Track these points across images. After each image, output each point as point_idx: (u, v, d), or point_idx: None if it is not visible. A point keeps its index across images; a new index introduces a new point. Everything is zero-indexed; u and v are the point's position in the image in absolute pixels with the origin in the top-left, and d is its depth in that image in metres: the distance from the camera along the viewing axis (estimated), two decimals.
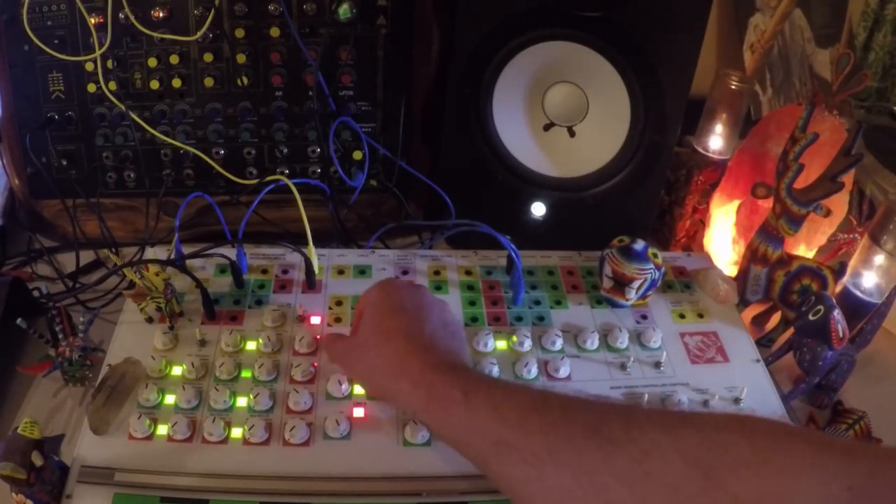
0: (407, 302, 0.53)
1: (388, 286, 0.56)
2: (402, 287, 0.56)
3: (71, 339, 0.60)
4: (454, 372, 0.47)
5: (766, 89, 1.04)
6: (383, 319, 0.52)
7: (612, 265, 0.65)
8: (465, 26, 0.71)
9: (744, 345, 0.65)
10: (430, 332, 0.51)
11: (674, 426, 0.39)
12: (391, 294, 0.54)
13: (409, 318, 0.52)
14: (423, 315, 0.53)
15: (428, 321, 0.52)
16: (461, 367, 0.49)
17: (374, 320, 0.52)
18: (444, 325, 0.54)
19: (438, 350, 0.50)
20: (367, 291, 0.56)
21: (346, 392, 0.56)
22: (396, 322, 0.51)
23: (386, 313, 0.52)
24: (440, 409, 0.46)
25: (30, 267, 0.76)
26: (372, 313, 0.53)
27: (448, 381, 0.46)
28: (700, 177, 0.81)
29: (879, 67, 1.09)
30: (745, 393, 0.59)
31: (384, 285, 0.56)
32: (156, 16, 0.71)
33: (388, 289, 0.55)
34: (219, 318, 0.62)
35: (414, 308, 0.53)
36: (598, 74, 0.73)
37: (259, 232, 0.76)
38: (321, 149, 0.77)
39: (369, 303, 0.54)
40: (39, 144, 0.75)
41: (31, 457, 0.46)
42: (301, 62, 0.74)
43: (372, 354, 0.51)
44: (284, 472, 0.51)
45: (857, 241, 0.78)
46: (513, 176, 0.77)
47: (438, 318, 0.54)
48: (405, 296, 0.54)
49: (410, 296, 0.54)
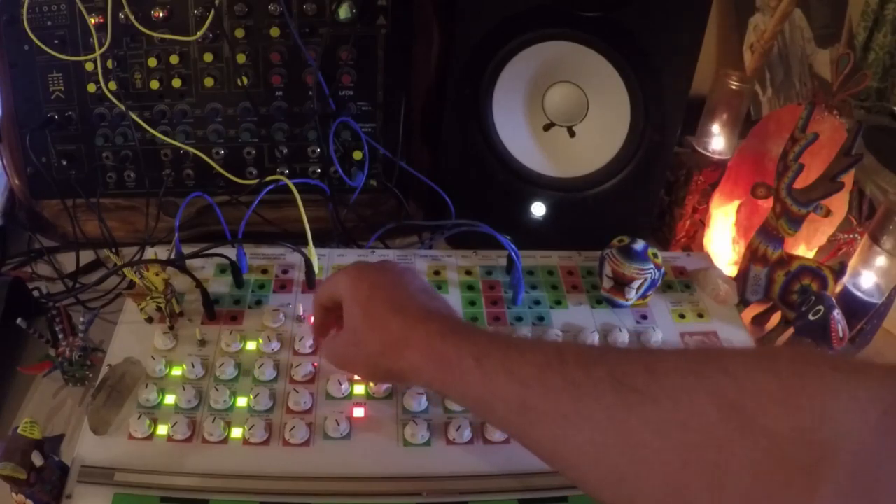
0: (381, 279, 0.51)
1: (356, 271, 0.53)
2: (371, 267, 0.54)
3: (71, 339, 0.60)
4: (459, 335, 0.46)
5: (766, 89, 1.04)
6: (367, 304, 0.50)
7: (612, 265, 0.65)
8: (465, 26, 0.71)
9: (744, 345, 0.65)
10: (418, 301, 0.50)
11: (699, 370, 0.38)
12: (363, 276, 0.52)
13: (392, 294, 0.50)
14: (404, 286, 0.51)
15: (410, 290, 0.51)
16: (462, 327, 0.47)
17: (357, 307, 0.50)
18: (425, 290, 0.52)
19: (433, 316, 0.48)
20: (335, 282, 0.53)
21: (346, 392, 0.56)
22: (381, 302, 0.50)
23: (367, 297, 0.50)
24: (456, 380, 0.45)
25: (30, 267, 0.76)
26: (352, 302, 0.51)
27: (457, 349, 0.45)
28: (700, 177, 0.81)
29: (879, 67, 1.10)
30: None
31: (351, 272, 0.53)
32: (156, 16, 0.71)
33: (359, 273, 0.53)
34: (219, 318, 0.62)
35: (391, 283, 0.51)
36: (598, 74, 0.73)
37: (259, 232, 0.76)
38: (321, 149, 0.77)
39: (345, 292, 0.52)
40: (39, 144, 0.75)
41: (31, 457, 0.46)
42: (301, 62, 0.74)
43: (369, 341, 0.49)
44: (284, 472, 0.51)
45: (857, 241, 0.78)
46: (513, 176, 0.77)
47: (418, 285, 0.52)
48: (377, 274, 0.52)
49: (382, 271, 0.53)
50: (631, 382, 0.38)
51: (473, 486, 0.51)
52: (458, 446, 0.53)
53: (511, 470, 0.52)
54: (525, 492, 0.51)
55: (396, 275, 0.52)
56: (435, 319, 0.48)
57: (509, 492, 0.51)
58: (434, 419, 0.55)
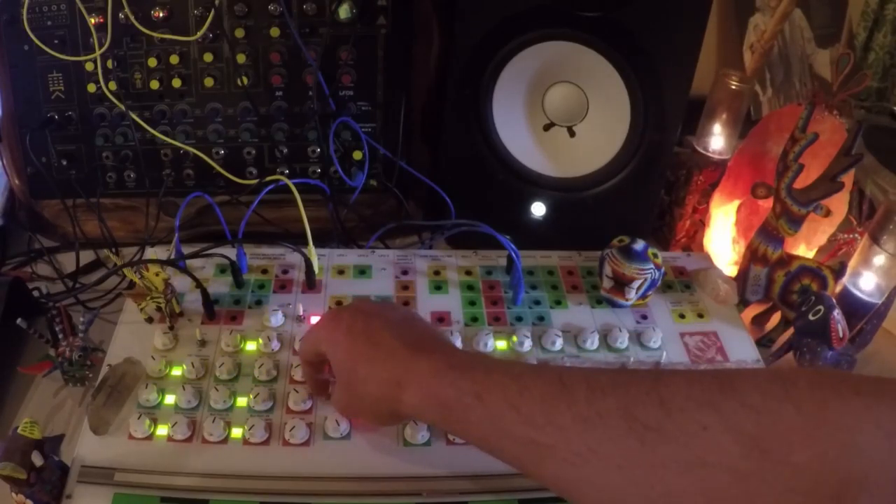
0: (358, 322, 0.49)
1: (330, 321, 0.50)
2: (344, 313, 0.51)
3: (71, 339, 0.60)
4: (455, 371, 0.44)
5: (766, 89, 1.04)
6: (351, 354, 0.48)
7: (612, 265, 0.65)
8: (465, 26, 0.71)
9: (744, 345, 0.65)
10: (402, 337, 0.47)
11: (715, 402, 0.36)
12: (338, 326, 0.49)
13: (373, 337, 0.47)
14: (382, 323, 0.48)
15: (390, 328, 0.48)
16: (456, 360, 0.45)
17: (342, 360, 0.48)
18: (405, 319, 0.50)
19: (422, 351, 0.46)
20: (313, 339, 0.51)
21: None
22: (364, 348, 0.47)
23: (348, 347, 0.48)
24: (459, 419, 0.43)
25: (30, 267, 0.76)
26: (336, 355, 0.49)
27: (455, 388, 0.43)
28: (700, 177, 0.81)
29: (879, 67, 1.10)
30: None
31: (325, 323, 0.51)
32: (156, 16, 0.71)
33: (333, 322, 0.50)
34: (219, 318, 0.62)
35: (368, 325, 0.48)
36: (598, 74, 0.73)
37: (259, 232, 0.76)
38: (321, 149, 0.77)
39: (327, 347, 0.49)
40: (39, 144, 0.75)
41: (31, 457, 0.46)
42: (301, 62, 0.74)
43: (363, 392, 0.47)
44: (284, 472, 0.51)
45: (857, 241, 0.78)
46: (513, 176, 0.77)
47: (397, 317, 0.50)
48: (352, 318, 0.49)
49: (357, 313, 0.50)
50: (644, 418, 0.37)
51: (473, 486, 0.51)
52: (458, 446, 0.53)
53: (511, 470, 0.51)
54: (525, 492, 0.51)
55: (372, 314, 0.49)
56: (424, 356, 0.46)
57: (509, 492, 0.51)
58: None
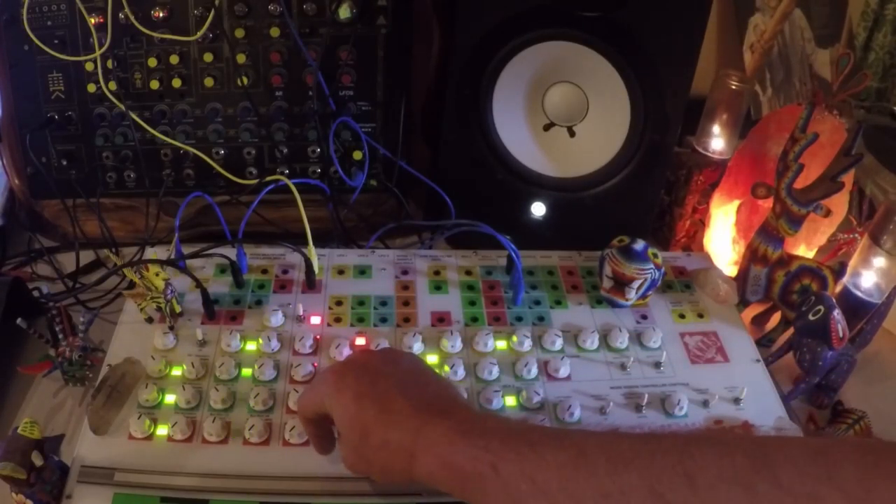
0: (363, 383, 0.45)
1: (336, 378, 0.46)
2: (349, 369, 0.47)
3: (71, 339, 0.60)
4: (468, 438, 0.41)
5: (766, 89, 1.04)
6: (358, 419, 0.44)
7: (612, 265, 0.65)
8: (465, 26, 0.71)
9: (744, 345, 0.65)
10: (411, 396, 0.44)
11: (748, 481, 0.34)
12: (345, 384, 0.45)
13: (380, 397, 0.44)
14: (388, 379, 0.45)
15: (398, 383, 0.45)
16: (469, 423, 0.42)
17: (349, 424, 0.45)
18: (413, 371, 0.47)
19: (433, 413, 0.43)
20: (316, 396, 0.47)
21: None
22: (372, 413, 0.44)
23: (355, 412, 0.44)
24: (475, 489, 0.41)
25: (30, 267, 0.76)
26: (342, 419, 0.45)
27: (469, 457, 0.40)
28: (700, 177, 0.81)
29: (879, 67, 1.10)
30: (745, 393, 0.59)
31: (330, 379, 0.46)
32: (156, 16, 0.71)
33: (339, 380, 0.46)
34: (219, 318, 0.62)
35: (374, 383, 0.45)
36: (598, 74, 0.73)
37: (259, 232, 0.76)
38: (321, 149, 0.77)
39: (332, 408, 0.46)
40: (39, 144, 0.75)
41: (31, 457, 0.46)
42: (301, 62, 0.74)
43: (374, 458, 0.45)
44: (284, 472, 0.51)
45: (857, 241, 0.78)
46: (513, 176, 0.77)
47: (404, 369, 0.47)
48: (358, 376, 0.46)
49: (362, 370, 0.46)
50: (671, 497, 0.35)
51: None
52: None
53: None
54: None
55: (379, 373, 0.46)
56: (436, 420, 0.43)
57: None
58: None
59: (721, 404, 0.59)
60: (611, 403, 0.57)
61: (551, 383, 0.59)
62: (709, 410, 0.58)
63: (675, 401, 0.57)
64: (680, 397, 0.58)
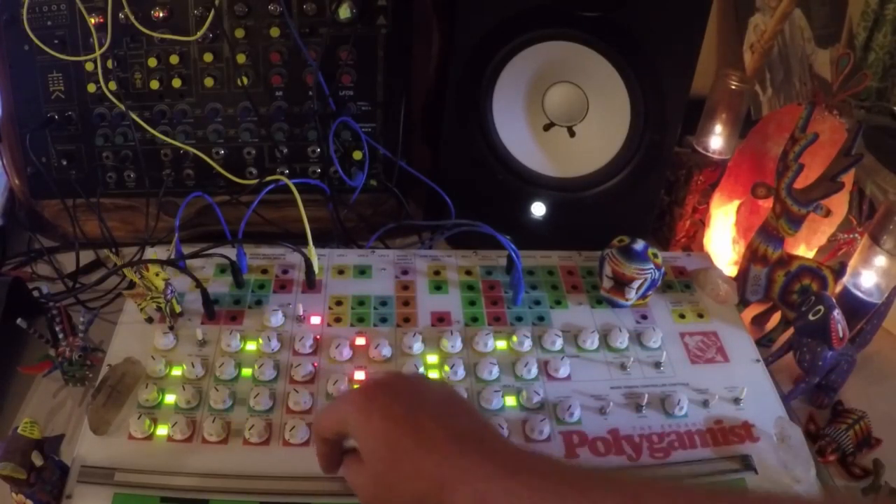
0: (393, 406, 0.42)
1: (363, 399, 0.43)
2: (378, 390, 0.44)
3: (71, 339, 0.60)
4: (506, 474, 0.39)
5: (766, 89, 1.04)
6: (387, 444, 0.41)
7: (612, 265, 0.65)
8: (465, 26, 0.71)
9: (744, 345, 0.65)
10: (445, 424, 0.42)
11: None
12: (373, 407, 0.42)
13: (412, 423, 0.41)
14: (420, 404, 0.43)
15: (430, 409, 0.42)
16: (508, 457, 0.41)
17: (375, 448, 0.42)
18: (445, 400, 0.45)
19: (468, 444, 0.41)
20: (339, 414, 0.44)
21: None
22: (402, 437, 0.41)
23: (384, 435, 0.41)
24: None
25: (30, 267, 0.76)
26: (367, 442, 0.42)
27: (509, 492, 0.38)
28: (700, 177, 0.81)
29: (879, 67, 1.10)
30: (745, 393, 0.59)
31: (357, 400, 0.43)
32: (156, 16, 0.71)
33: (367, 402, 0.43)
34: (219, 318, 0.62)
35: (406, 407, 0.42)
36: (598, 74, 0.73)
37: (259, 232, 0.76)
38: (321, 149, 0.77)
39: (356, 431, 0.43)
40: (39, 144, 0.75)
41: (31, 457, 0.46)
42: (301, 62, 0.74)
43: (401, 489, 0.41)
44: (284, 472, 0.51)
45: (857, 241, 0.78)
46: (513, 176, 0.77)
47: (436, 396, 0.44)
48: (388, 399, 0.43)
49: (392, 394, 0.43)
50: None
51: None
52: None
53: None
54: None
55: (413, 398, 0.43)
56: (472, 452, 0.40)
57: None
58: None
59: (721, 404, 0.59)
60: (611, 403, 0.57)
61: (551, 383, 0.59)
62: (709, 410, 0.58)
63: (675, 401, 0.57)
64: (680, 397, 0.58)
